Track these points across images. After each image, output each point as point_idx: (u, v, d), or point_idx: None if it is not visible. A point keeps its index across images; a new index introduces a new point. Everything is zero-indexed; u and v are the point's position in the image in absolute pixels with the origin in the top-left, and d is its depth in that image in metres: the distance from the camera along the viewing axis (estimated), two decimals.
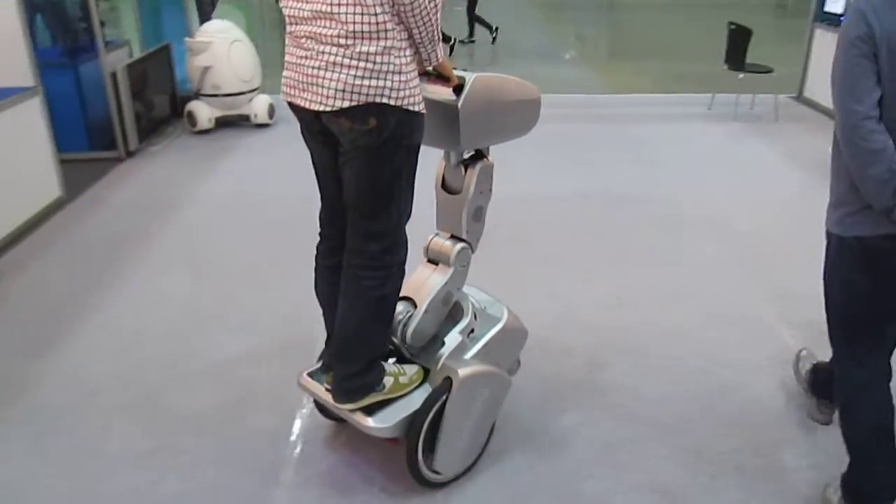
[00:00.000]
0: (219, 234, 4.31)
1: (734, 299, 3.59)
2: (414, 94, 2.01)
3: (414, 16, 1.95)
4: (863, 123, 1.88)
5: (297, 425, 2.68)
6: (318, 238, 2.35)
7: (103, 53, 5.35)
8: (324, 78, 1.96)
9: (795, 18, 11.22)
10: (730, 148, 5.98)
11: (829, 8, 6.91)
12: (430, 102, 2.11)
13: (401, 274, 2.20)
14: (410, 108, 2.01)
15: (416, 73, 2.04)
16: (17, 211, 4.28)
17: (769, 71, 6.71)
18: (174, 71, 6.65)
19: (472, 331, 2.39)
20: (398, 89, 1.97)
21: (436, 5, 1.98)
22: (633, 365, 3.06)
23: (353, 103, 1.95)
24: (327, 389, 2.27)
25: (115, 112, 5.47)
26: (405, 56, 1.99)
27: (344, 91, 1.94)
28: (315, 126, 2.10)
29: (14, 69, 4.42)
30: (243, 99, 6.29)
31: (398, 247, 2.17)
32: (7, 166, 4.17)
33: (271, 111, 6.38)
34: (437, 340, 2.37)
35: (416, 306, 2.32)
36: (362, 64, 1.94)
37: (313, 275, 2.36)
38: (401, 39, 1.98)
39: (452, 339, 2.34)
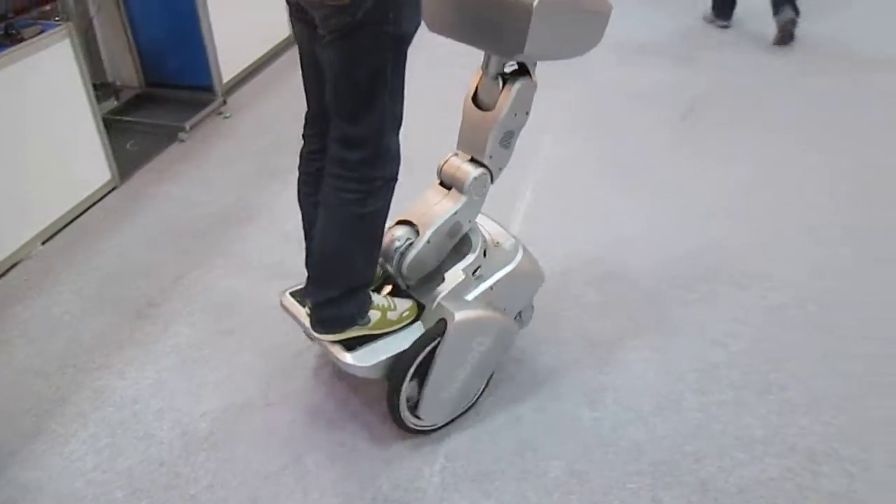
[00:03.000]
0: (430, 91, 4.36)
1: None
2: None
3: None
4: None
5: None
6: (303, 139, 2.05)
7: None
8: None
9: None
10: None
11: None
12: None
13: (388, 191, 1.85)
14: None
15: None
16: (254, 47, 4.58)
17: None
18: None
19: (478, 268, 2.04)
20: None
21: None
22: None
23: None
24: (308, 315, 1.99)
25: None
26: None
27: None
28: (294, 7, 1.76)
29: None
30: None
31: (383, 159, 1.80)
32: (246, 2, 4.42)
33: None
34: (438, 275, 2.04)
35: (418, 234, 1.99)
36: None
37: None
38: None
39: (454, 275, 2.00)
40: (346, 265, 1.88)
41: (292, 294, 2.12)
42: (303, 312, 2.01)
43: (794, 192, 3.20)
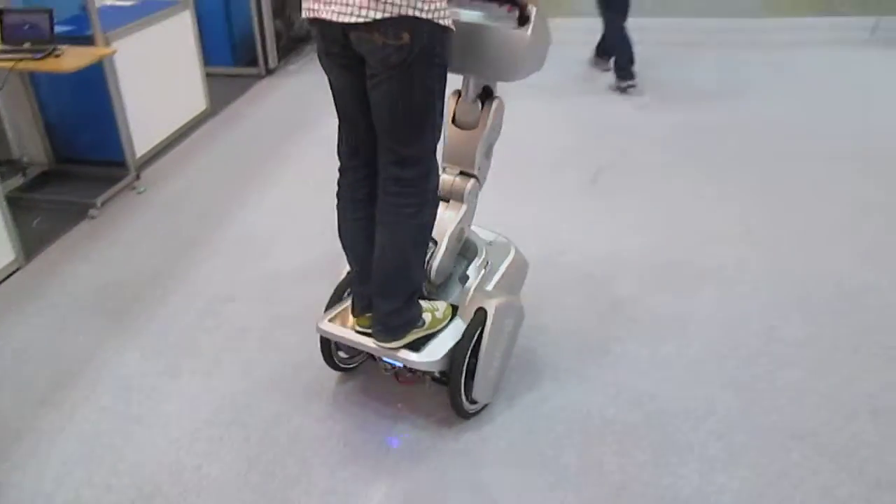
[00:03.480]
0: None
1: (887, 242, 3.33)
2: (443, 7, 1.85)
3: None
4: None
5: None
6: (339, 174, 2.25)
7: None
8: None
9: None
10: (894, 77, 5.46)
11: None
12: (479, 28, 2.05)
13: (436, 202, 2.15)
14: (441, 21, 1.85)
15: None
16: (168, 121, 4.53)
17: None
18: None
19: (487, 263, 2.40)
20: (430, 0, 1.81)
21: None
22: (777, 303, 2.93)
23: (387, 15, 1.78)
24: (359, 332, 2.21)
25: (258, 29, 5.62)
26: None
27: (378, 1, 1.77)
28: (337, 46, 1.93)
29: None
30: None
31: (432, 173, 2.09)
32: (160, 77, 4.40)
33: None
34: (452, 277, 2.40)
35: (436, 244, 2.27)
36: None
37: (336, 214, 2.26)
38: None
39: (474, 273, 2.35)
40: (406, 274, 2.14)
41: (331, 319, 2.30)
42: (349, 332, 2.24)
43: (705, 240, 3.32)
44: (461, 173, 2.31)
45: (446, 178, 2.30)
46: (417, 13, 1.79)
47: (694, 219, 3.55)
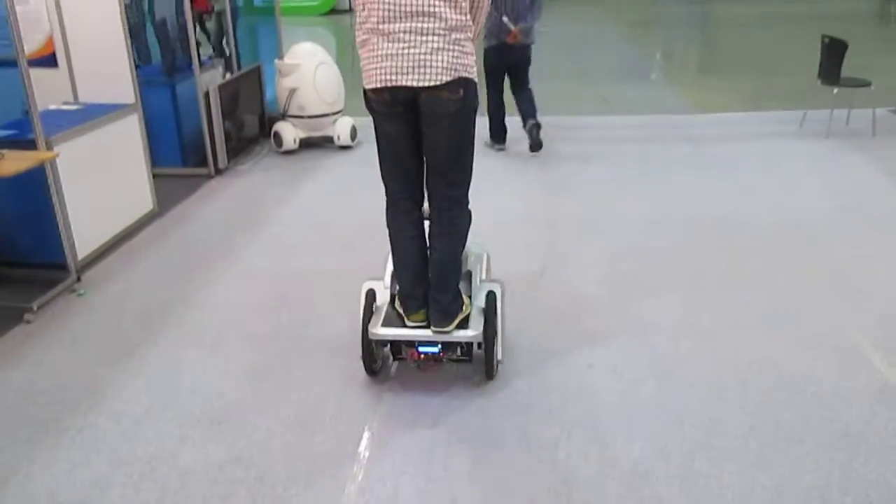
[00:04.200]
0: (300, 252, 4.40)
1: (824, 328, 3.41)
2: (474, 70, 2.67)
3: (480, 11, 2.74)
4: None
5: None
6: (392, 203, 2.91)
7: (198, 73, 5.58)
8: (432, 60, 2.55)
9: None
10: (824, 166, 5.72)
11: None
12: None
13: (470, 216, 2.89)
14: (475, 79, 2.68)
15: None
16: (112, 222, 4.49)
17: (867, 84, 6.39)
18: (264, 92, 6.86)
19: (478, 263, 3.14)
20: (472, 65, 2.65)
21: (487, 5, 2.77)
22: (717, 394, 2.95)
23: (451, 78, 2.57)
24: (413, 325, 2.85)
25: (207, 130, 5.68)
26: (471, 44, 2.68)
27: (447, 69, 2.56)
28: (403, 106, 2.65)
29: (117, 86, 4.68)
30: (327, 121, 6.43)
31: (466, 195, 2.85)
32: (105, 179, 4.39)
33: (353, 133, 6.48)
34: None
35: None
36: (457, 48, 2.59)
37: (391, 238, 2.93)
38: (471, 29, 2.67)
39: (475, 270, 3.09)
40: (458, 269, 2.93)
41: (383, 324, 2.90)
42: (402, 329, 2.87)
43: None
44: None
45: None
46: (468, 75, 2.63)
47: (629, 311, 3.60)
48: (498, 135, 6.28)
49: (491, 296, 2.95)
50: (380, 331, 2.87)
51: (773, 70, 9.96)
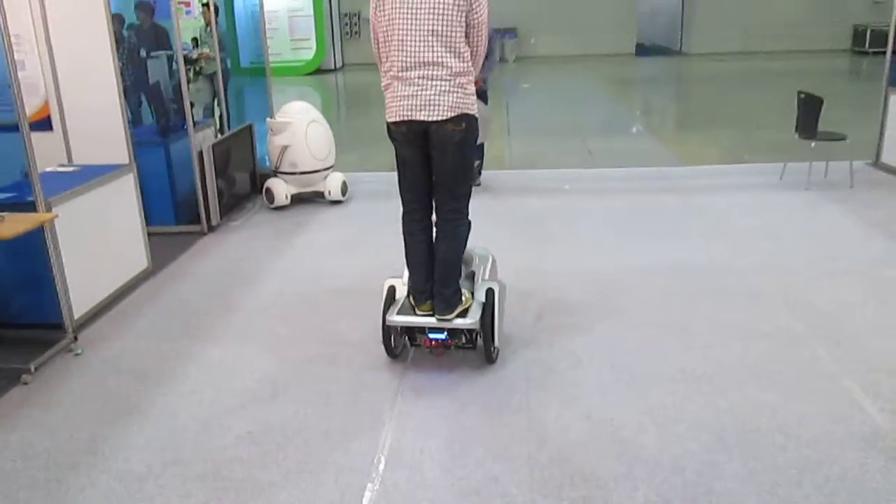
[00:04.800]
0: (291, 307, 4.44)
1: (815, 374, 3.48)
2: (474, 107, 3.35)
3: (476, 62, 3.38)
4: None
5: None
6: (406, 213, 3.53)
7: (192, 133, 5.68)
8: (440, 101, 3.24)
9: (871, 82, 11.06)
10: (805, 217, 5.86)
11: None
12: None
13: (470, 223, 3.52)
14: (475, 115, 3.36)
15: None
16: (107, 281, 4.52)
17: (843, 138, 6.60)
18: (255, 149, 6.98)
19: (482, 265, 3.74)
20: (473, 104, 3.34)
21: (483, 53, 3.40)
22: (715, 439, 2.99)
23: (455, 114, 3.26)
24: (421, 314, 3.47)
25: (200, 188, 5.76)
26: (472, 85, 3.36)
27: (451, 107, 3.25)
28: (417, 135, 3.32)
29: (113, 147, 4.77)
30: (318, 176, 6.53)
31: (468, 203, 3.50)
32: (101, 239, 4.44)
33: (344, 188, 6.59)
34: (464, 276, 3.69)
35: None
36: (461, 90, 3.28)
37: (405, 241, 3.55)
38: (472, 76, 3.35)
39: (479, 270, 3.70)
40: (459, 266, 3.54)
41: (398, 313, 3.56)
42: (413, 317, 3.51)
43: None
44: None
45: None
46: (469, 111, 3.31)
47: (623, 359, 3.66)
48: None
49: (490, 292, 3.51)
50: (395, 318, 3.53)
51: (752, 124, 10.25)
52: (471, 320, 3.44)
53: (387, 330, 3.56)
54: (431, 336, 3.53)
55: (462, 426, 3.15)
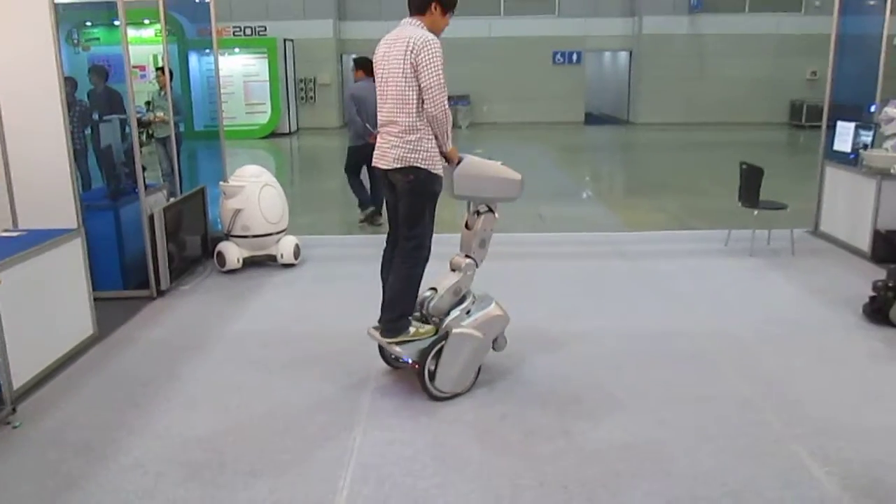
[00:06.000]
0: (244, 374, 4.36)
1: (764, 438, 3.53)
2: (434, 162, 3.76)
3: (433, 123, 3.73)
4: None
5: None
6: (388, 241, 4.06)
7: (143, 196, 5.63)
8: (390, 152, 3.77)
9: (808, 155, 11.55)
10: (750, 283, 6.03)
11: (837, 147, 7.18)
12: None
13: (422, 265, 3.87)
14: (430, 169, 3.76)
15: (437, 151, 3.78)
16: (51, 349, 4.38)
17: (783, 207, 6.86)
18: (207, 213, 6.93)
19: (469, 311, 3.94)
20: (424, 159, 3.73)
21: (444, 118, 3.72)
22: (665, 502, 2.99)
23: (401, 165, 3.74)
24: (374, 330, 3.99)
25: (150, 252, 5.67)
26: (430, 142, 3.75)
27: (398, 159, 3.75)
28: (385, 180, 3.89)
29: (60, 211, 4.70)
30: (271, 240, 6.50)
31: (421, 248, 3.86)
32: (45, 305, 4.32)
33: (297, 251, 6.57)
34: (449, 314, 3.94)
35: (437, 293, 3.95)
36: (408, 146, 3.73)
37: (382, 263, 4.06)
38: (429, 134, 3.75)
39: (454, 312, 3.93)
40: (399, 300, 3.87)
41: (374, 328, 4.01)
42: (377, 334, 3.96)
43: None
44: (466, 255, 3.99)
45: (457, 258, 4.00)
46: (418, 164, 3.73)
47: (575, 425, 3.66)
48: (364, 204, 8.30)
49: (441, 335, 3.82)
50: (371, 331, 4.03)
51: (697, 192, 10.59)
52: (407, 351, 3.81)
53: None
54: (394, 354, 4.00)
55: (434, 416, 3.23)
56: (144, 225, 5.64)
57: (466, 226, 4.01)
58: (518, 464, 3.32)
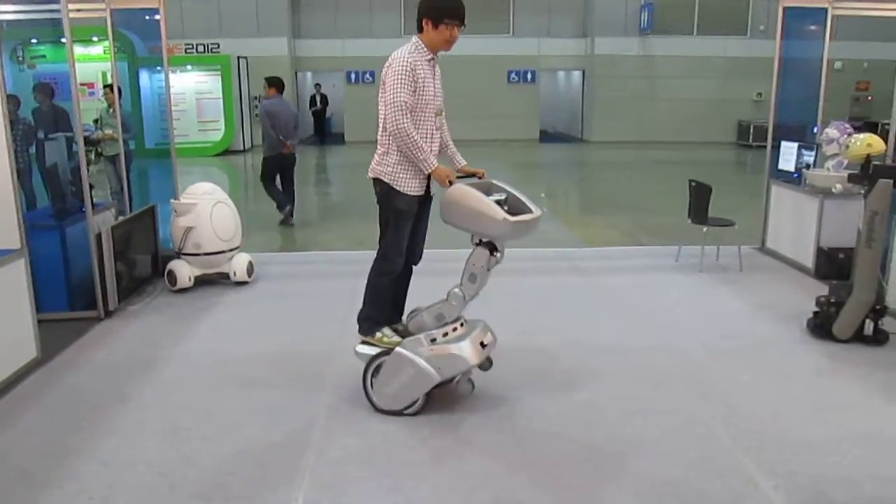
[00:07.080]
0: (194, 395, 4.27)
1: (711, 452, 3.59)
2: (399, 179, 3.92)
3: (395, 142, 3.86)
4: None
5: None
6: None
7: (90, 215, 5.50)
8: (371, 164, 4.00)
9: (755, 174, 11.84)
10: (700, 298, 6.15)
11: (782, 166, 7.39)
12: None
13: (385, 276, 4.06)
14: (394, 186, 3.92)
15: (405, 168, 3.90)
16: None
17: (731, 224, 7.02)
18: (158, 231, 6.81)
19: (435, 339, 3.81)
20: (388, 174, 3.93)
21: (401, 137, 3.80)
22: None
23: (372, 176, 4.00)
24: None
25: (97, 272, 5.54)
26: (396, 157, 3.90)
27: (370, 169, 4.01)
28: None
29: (2, 231, 4.55)
30: (223, 258, 6.41)
31: (384, 260, 4.04)
32: None
33: (250, 269, 6.49)
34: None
35: (420, 311, 3.96)
36: (377, 158, 3.98)
37: None
38: (397, 153, 3.89)
39: (417, 336, 3.83)
40: (365, 302, 4.10)
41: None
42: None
43: None
44: (458, 286, 3.89)
45: (452, 288, 3.88)
46: (383, 178, 3.93)
47: (526, 438, 3.67)
48: (282, 206, 9.17)
49: (387, 350, 3.88)
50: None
51: (648, 208, 10.78)
52: (360, 350, 4.02)
53: None
54: None
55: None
56: (91, 244, 5.51)
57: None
58: (473, 480, 3.31)
